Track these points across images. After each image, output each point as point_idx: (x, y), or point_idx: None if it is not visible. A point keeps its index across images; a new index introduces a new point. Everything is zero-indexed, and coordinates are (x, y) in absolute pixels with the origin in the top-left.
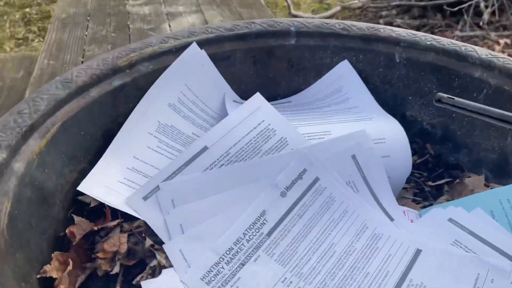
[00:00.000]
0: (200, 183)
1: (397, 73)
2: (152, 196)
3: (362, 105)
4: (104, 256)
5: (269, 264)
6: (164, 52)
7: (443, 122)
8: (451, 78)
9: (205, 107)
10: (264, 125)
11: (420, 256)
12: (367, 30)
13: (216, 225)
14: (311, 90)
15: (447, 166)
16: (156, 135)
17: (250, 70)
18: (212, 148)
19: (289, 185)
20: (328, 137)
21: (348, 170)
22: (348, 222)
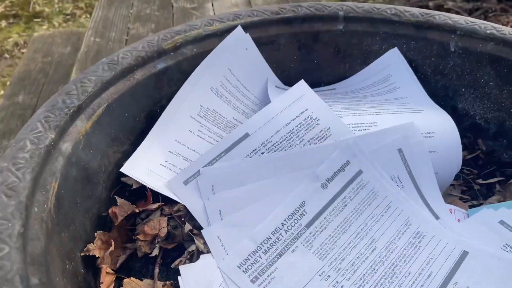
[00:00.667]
0: (240, 170)
1: (451, 63)
2: (192, 181)
3: (411, 96)
4: (144, 238)
5: (307, 256)
6: (209, 35)
7: (498, 117)
8: (511, 70)
9: (247, 92)
10: (308, 113)
11: (466, 259)
12: (421, 17)
13: (254, 213)
14: (357, 78)
15: (500, 164)
16: (198, 119)
17: (295, 55)
18: (254, 136)
19: (331, 177)
20: (374, 128)
21: (393, 164)
22: (391, 218)
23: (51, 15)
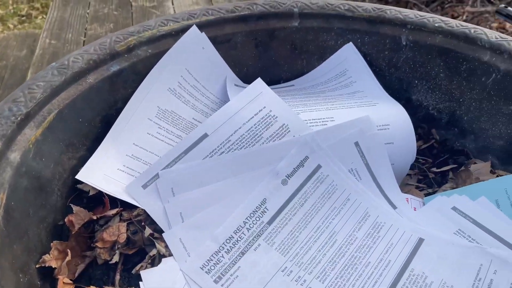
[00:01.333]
0: (200, 171)
1: (403, 56)
2: (151, 184)
3: (367, 89)
4: (103, 245)
5: (270, 253)
6: (163, 35)
7: (449, 107)
8: (459, 62)
9: (206, 92)
10: (266, 111)
11: (422, 246)
12: (373, 12)
13: (216, 214)
14: (315, 74)
15: (452, 152)
16: (156, 121)
17: (252, 53)
18: (212, 135)
19: (291, 173)
20: (331, 123)
21: (351, 158)
22: (350, 210)
23: (6, 16)
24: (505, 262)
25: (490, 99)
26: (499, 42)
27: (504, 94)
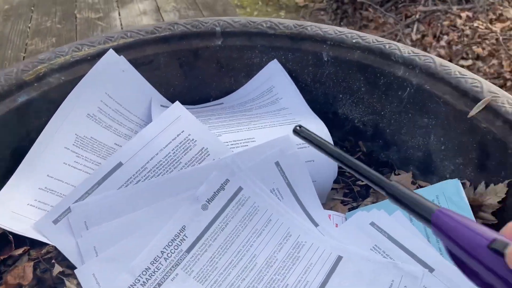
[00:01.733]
0: (115, 201)
1: (326, 72)
2: (63, 219)
3: (292, 106)
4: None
5: (187, 282)
6: (78, 61)
7: (373, 119)
8: (377, 77)
9: (129, 115)
10: (184, 135)
11: (340, 263)
12: (294, 28)
13: (132, 245)
14: (243, 91)
15: (378, 163)
16: (74, 149)
17: (178, 73)
18: (128, 164)
19: (211, 197)
20: (252, 144)
21: (272, 178)
22: (272, 231)
23: None
24: (414, 278)
25: (407, 112)
26: (411, 57)
27: (418, 107)
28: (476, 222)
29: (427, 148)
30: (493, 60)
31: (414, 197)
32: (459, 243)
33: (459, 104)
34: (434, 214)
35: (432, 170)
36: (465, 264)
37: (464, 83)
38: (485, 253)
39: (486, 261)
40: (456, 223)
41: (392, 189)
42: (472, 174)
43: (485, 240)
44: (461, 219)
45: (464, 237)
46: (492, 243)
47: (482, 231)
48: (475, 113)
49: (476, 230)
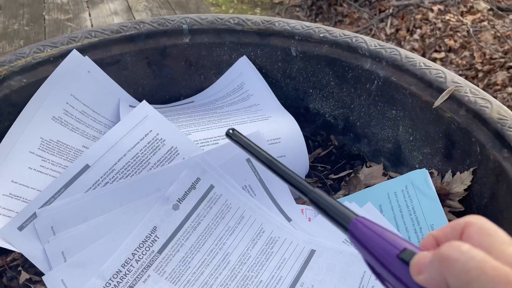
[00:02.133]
0: (83, 205)
1: (296, 67)
2: (29, 225)
3: (262, 102)
4: None
5: (159, 283)
6: (40, 62)
7: (343, 113)
8: (345, 70)
9: (97, 116)
10: (152, 135)
11: (313, 257)
12: (262, 24)
13: (102, 248)
14: (213, 89)
15: (349, 157)
16: (39, 153)
17: (146, 72)
18: (95, 166)
19: (182, 196)
20: (223, 141)
21: (244, 174)
22: (245, 228)
23: None
24: None
25: (376, 105)
26: (377, 50)
27: (386, 99)
28: (391, 232)
29: (396, 139)
30: (465, 52)
31: (334, 205)
32: (372, 252)
33: (424, 95)
34: (352, 223)
35: (402, 161)
36: (379, 273)
37: (428, 74)
38: (394, 263)
39: (395, 271)
40: (371, 232)
41: (314, 196)
42: (439, 163)
43: (395, 250)
44: (376, 228)
45: (377, 246)
46: (401, 253)
47: (395, 241)
48: (439, 103)
49: (389, 240)
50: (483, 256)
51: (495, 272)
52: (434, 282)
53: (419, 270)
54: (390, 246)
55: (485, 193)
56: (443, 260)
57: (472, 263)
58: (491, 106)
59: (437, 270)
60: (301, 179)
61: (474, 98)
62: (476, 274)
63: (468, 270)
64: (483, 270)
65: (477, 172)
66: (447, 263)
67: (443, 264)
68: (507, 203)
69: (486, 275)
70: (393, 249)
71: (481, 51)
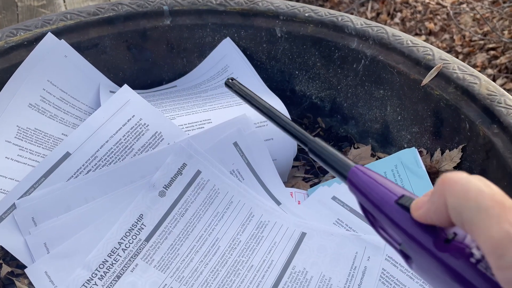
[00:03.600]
0: (64, 194)
1: (281, 48)
2: (8, 216)
3: (248, 85)
4: None
5: (148, 272)
6: (13, 47)
7: (330, 95)
8: (331, 50)
9: (76, 102)
10: (135, 120)
11: (304, 240)
12: (245, 4)
13: (87, 239)
14: (196, 72)
15: (337, 139)
16: (16, 142)
17: (126, 56)
18: (76, 154)
19: (168, 183)
20: (208, 125)
21: (231, 159)
22: (234, 212)
23: None
24: (376, 248)
25: (363, 85)
26: (363, 29)
27: (374, 79)
28: (389, 180)
29: (384, 119)
30: (445, 35)
31: (333, 154)
32: (371, 198)
33: (412, 73)
34: (351, 171)
35: (390, 141)
36: (376, 220)
37: (416, 52)
38: (392, 208)
39: (393, 216)
40: (369, 179)
41: (313, 145)
42: (428, 142)
43: (394, 196)
44: (375, 175)
45: (375, 193)
46: (400, 199)
47: (393, 188)
48: (428, 81)
49: (387, 187)
50: (481, 179)
51: (491, 191)
52: (433, 208)
53: (418, 207)
54: (389, 192)
55: (475, 169)
56: (445, 181)
57: (471, 184)
58: (480, 82)
59: (438, 193)
60: (301, 129)
61: (462, 75)
62: (475, 192)
63: (468, 189)
64: (481, 189)
65: (466, 149)
66: (449, 183)
67: (444, 186)
68: (498, 178)
69: (483, 194)
70: (392, 195)
71: (461, 33)
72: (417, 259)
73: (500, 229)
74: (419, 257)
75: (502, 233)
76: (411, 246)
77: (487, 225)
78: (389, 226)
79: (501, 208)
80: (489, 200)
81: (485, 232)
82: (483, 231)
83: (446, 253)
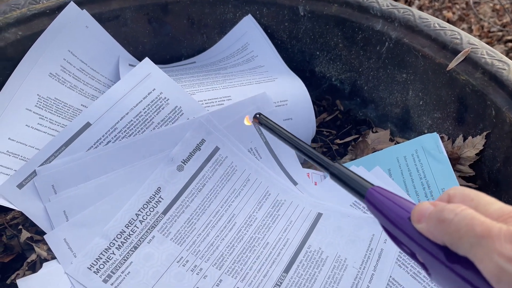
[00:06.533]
0: (84, 164)
1: (303, 27)
2: (28, 183)
3: (268, 63)
4: None
5: (164, 245)
6: (36, 14)
7: (350, 77)
8: (355, 31)
9: (96, 74)
10: (155, 94)
11: (320, 220)
12: None
13: (105, 209)
14: (216, 49)
15: (355, 122)
16: (37, 111)
17: (146, 30)
18: (96, 124)
19: (187, 157)
20: (228, 102)
21: (250, 137)
22: (250, 190)
23: None
24: None
25: (386, 68)
26: (389, 10)
27: (397, 62)
28: (405, 198)
29: (405, 104)
30: (463, 25)
31: (353, 177)
32: (387, 215)
33: (438, 57)
34: (368, 191)
35: (410, 126)
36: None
37: (443, 35)
38: (406, 224)
39: (407, 231)
40: (385, 198)
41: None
42: (450, 128)
43: (407, 213)
44: (390, 195)
45: (390, 211)
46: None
47: (406, 205)
48: (454, 65)
49: (401, 204)
50: (473, 215)
51: (481, 227)
52: (430, 234)
53: (419, 218)
54: (402, 209)
55: (498, 157)
56: (440, 221)
57: (463, 222)
58: (509, 68)
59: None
60: (323, 156)
61: (491, 60)
62: (465, 230)
63: (459, 229)
64: (472, 227)
65: (490, 136)
66: (443, 224)
67: (440, 225)
68: None
69: (473, 231)
70: (405, 212)
71: (479, 23)
72: (433, 271)
73: (491, 263)
74: (434, 269)
75: (494, 266)
76: (426, 258)
77: (481, 259)
78: (404, 241)
79: (489, 239)
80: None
81: (481, 265)
82: (479, 264)
83: (456, 265)
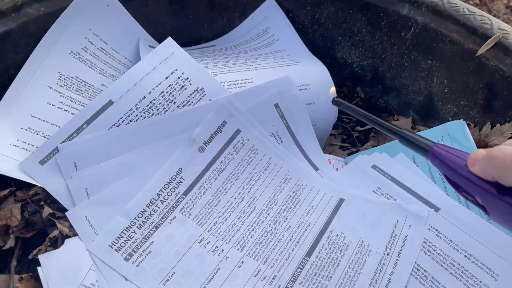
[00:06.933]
0: (106, 142)
1: (326, 12)
2: (50, 160)
3: (289, 47)
4: None
5: (185, 225)
6: None
7: (373, 63)
8: (379, 16)
9: (116, 54)
10: (178, 74)
11: (342, 206)
12: None
13: (126, 187)
14: (237, 33)
15: (376, 109)
16: (58, 89)
17: (167, 11)
18: (119, 102)
19: (208, 139)
20: (250, 85)
21: (271, 120)
22: (271, 174)
23: None
24: (419, 218)
25: (410, 54)
26: None
27: (422, 48)
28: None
29: (429, 91)
30: None
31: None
32: (448, 165)
33: (467, 42)
34: (431, 148)
35: (433, 114)
36: (455, 183)
37: (473, 20)
38: (463, 170)
39: (465, 175)
40: (445, 152)
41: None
42: (476, 116)
43: (463, 161)
44: (450, 149)
45: (450, 161)
46: None
47: (462, 155)
48: (484, 51)
49: (459, 155)
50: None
51: None
52: (483, 173)
53: (473, 162)
54: (459, 159)
55: None
56: (489, 159)
57: (507, 156)
58: None
59: (486, 167)
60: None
61: None
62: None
63: (505, 161)
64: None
65: None
66: (492, 161)
67: (489, 162)
68: None
69: None
70: (462, 160)
71: None
72: (491, 209)
73: None
74: (491, 207)
75: None
76: (483, 197)
77: None
78: (463, 184)
79: None
80: None
81: None
82: None
83: (507, 196)
